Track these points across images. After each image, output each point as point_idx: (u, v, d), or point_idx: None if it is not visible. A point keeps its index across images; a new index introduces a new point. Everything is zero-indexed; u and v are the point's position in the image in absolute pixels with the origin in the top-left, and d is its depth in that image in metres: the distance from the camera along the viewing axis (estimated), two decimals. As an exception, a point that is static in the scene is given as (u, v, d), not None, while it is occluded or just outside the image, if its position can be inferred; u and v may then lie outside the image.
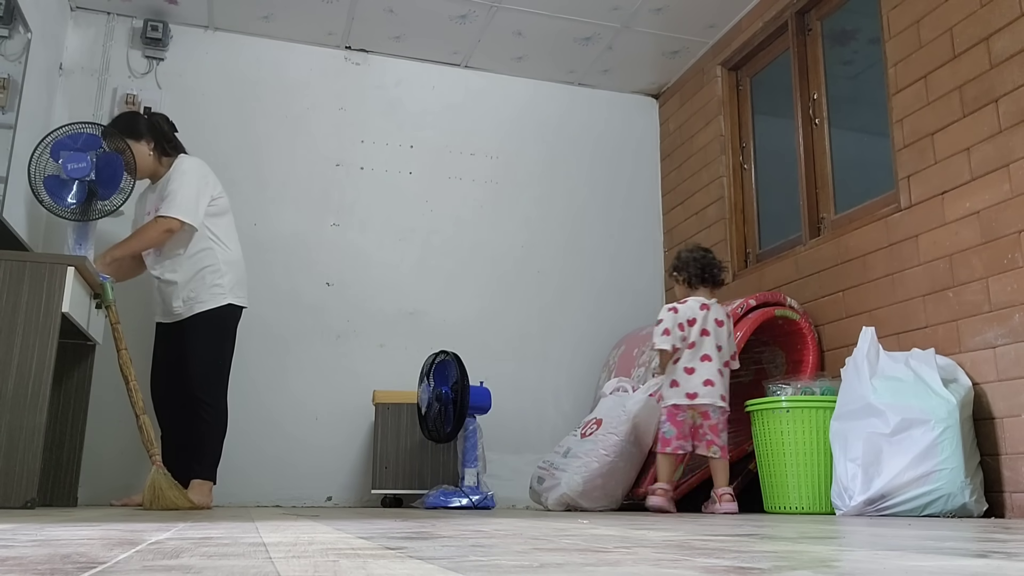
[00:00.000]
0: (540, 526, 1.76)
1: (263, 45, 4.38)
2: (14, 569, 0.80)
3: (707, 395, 3.11)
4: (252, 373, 3.98)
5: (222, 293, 3.26)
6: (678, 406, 3.13)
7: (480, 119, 4.65)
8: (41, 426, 2.51)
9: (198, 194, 3.21)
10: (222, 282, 3.26)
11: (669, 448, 3.13)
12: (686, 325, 3.18)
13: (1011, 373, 2.63)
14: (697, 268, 3.28)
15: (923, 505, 2.56)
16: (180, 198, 3.16)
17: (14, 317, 2.57)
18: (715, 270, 3.30)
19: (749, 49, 4.21)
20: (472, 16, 4.20)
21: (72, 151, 3.05)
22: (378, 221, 4.38)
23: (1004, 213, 2.70)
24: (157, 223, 3.16)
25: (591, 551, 1.06)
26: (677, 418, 3.14)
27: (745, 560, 0.94)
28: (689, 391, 3.12)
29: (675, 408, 3.14)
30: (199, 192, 3.22)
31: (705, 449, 3.13)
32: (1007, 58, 2.72)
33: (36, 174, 3.06)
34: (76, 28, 4.10)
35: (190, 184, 3.20)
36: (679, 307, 3.22)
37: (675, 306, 3.24)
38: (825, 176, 3.68)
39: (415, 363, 3.91)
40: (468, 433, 3.62)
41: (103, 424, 3.60)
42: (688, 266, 3.31)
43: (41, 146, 3.09)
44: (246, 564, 0.87)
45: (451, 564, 0.87)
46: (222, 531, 1.48)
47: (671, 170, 4.79)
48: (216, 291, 3.25)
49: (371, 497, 3.97)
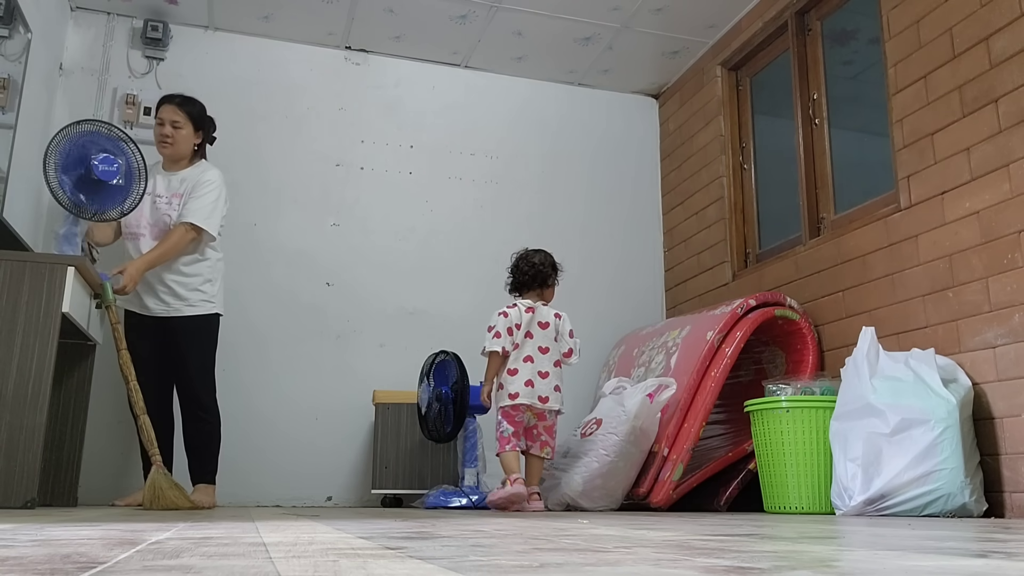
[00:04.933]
0: (540, 526, 1.76)
1: (263, 45, 4.38)
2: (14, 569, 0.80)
3: (528, 396, 3.23)
4: (252, 373, 3.98)
5: (213, 301, 3.34)
6: (515, 407, 3.24)
7: (480, 119, 4.65)
8: (41, 426, 2.51)
9: (221, 206, 3.32)
10: (214, 290, 3.34)
11: (508, 446, 3.23)
12: (514, 329, 3.31)
13: (1011, 373, 2.63)
14: (513, 277, 3.45)
15: (923, 505, 2.56)
16: (208, 209, 3.24)
17: (14, 317, 2.57)
18: (527, 277, 3.40)
19: (749, 49, 4.21)
20: (472, 16, 4.20)
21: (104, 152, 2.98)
22: (378, 221, 4.38)
23: (1004, 213, 2.70)
24: (185, 231, 3.21)
25: (591, 551, 1.06)
26: (515, 419, 3.25)
27: (745, 560, 0.94)
28: (511, 392, 3.25)
29: (512, 409, 3.25)
30: (222, 204, 3.33)
31: (539, 450, 3.28)
32: (1007, 58, 2.72)
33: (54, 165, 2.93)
34: (76, 28, 4.10)
35: (218, 196, 3.30)
36: (509, 311, 3.35)
37: (505, 310, 3.36)
38: (825, 176, 3.68)
39: (415, 363, 3.91)
40: (468, 433, 3.62)
41: (103, 424, 3.60)
42: (510, 274, 3.46)
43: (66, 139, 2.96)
44: (246, 564, 0.87)
45: (451, 564, 0.87)
46: (222, 531, 1.48)
47: (671, 170, 4.79)
48: (209, 298, 3.32)
49: (371, 497, 3.97)
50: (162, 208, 3.29)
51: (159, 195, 3.30)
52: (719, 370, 3.34)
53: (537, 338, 3.31)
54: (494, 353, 3.30)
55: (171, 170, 3.37)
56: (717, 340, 3.39)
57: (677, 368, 3.50)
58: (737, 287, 4.06)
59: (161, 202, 3.30)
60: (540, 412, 3.26)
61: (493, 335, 3.31)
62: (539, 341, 3.31)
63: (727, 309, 3.48)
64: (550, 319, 3.36)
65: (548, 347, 3.32)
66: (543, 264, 3.43)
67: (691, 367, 3.39)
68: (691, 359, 3.43)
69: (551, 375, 3.30)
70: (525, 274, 3.41)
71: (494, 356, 3.31)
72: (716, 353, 3.38)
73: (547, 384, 3.27)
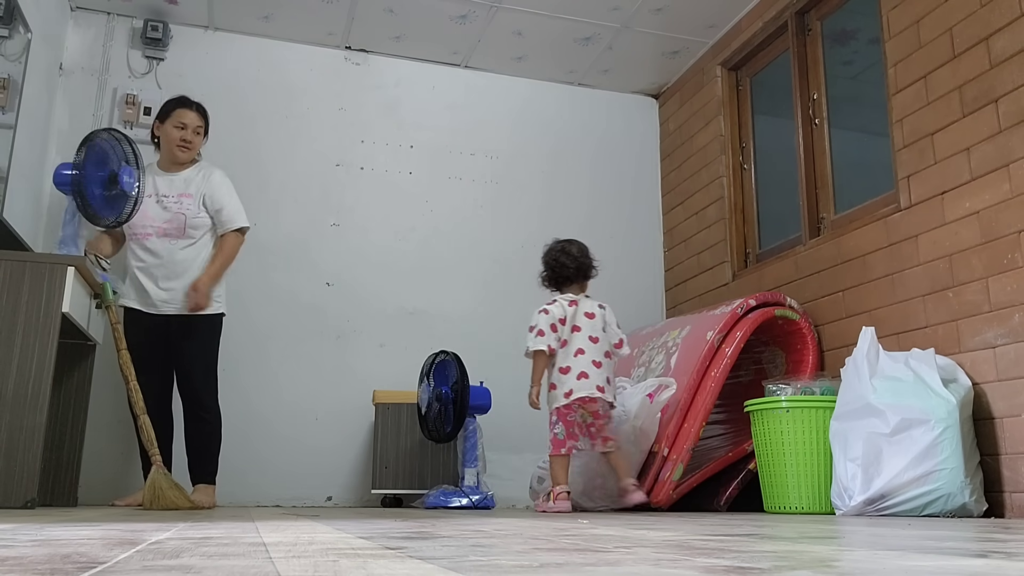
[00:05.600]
0: (540, 526, 1.76)
1: (263, 45, 4.39)
2: (14, 569, 0.80)
3: (584, 388, 3.12)
4: (252, 373, 3.98)
5: (220, 301, 3.36)
6: (565, 407, 3.15)
7: (480, 119, 4.65)
8: (41, 426, 2.51)
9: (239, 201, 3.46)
10: (221, 290, 3.37)
11: (563, 449, 3.14)
12: (559, 325, 3.20)
13: (1011, 373, 2.63)
14: (552, 271, 3.33)
15: (923, 505, 2.56)
16: (240, 209, 3.39)
17: (14, 317, 2.57)
18: (569, 269, 3.29)
19: (749, 49, 4.21)
20: (472, 16, 4.20)
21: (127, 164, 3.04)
22: (378, 221, 4.38)
23: (1004, 213, 2.70)
24: (236, 237, 3.36)
25: (591, 551, 1.06)
26: (568, 418, 3.16)
27: (745, 560, 0.94)
28: (566, 390, 3.14)
29: (566, 409, 3.15)
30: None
31: (602, 445, 3.17)
32: (1007, 58, 2.72)
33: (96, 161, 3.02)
34: (76, 28, 4.10)
35: (235, 195, 3.42)
36: (549, 308, 3.23)
37: (545, 307, 3.24)
38: (825, 176, 3.68)
39: (415, 363, 3.91)
40: (468, 433, 3.62)
41: (103, 424, 3.60)
42: (547, 269, 3.35)
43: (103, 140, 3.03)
44: (246, 564, 0.87)
45: (451, 564, 0.87)
46: (222, 531, 1.48)
47: (671, 170, 4.79)
48: (218, 298, 3.34)
49: (371, 497, 3.97)
50: (171, 207, 3.30)
51: (164, 195, 3.31)
52: (719, 370, 3.33)
53: (585, 329, 3.19)
54: (539, 352, 3.18)
55: (171, 170, 3.37)
56: (717, 340, 3.39)
57: (677, 368, 3.49)
58: (737, 287, 4.06)
59: (168, 201, 3.31)
60: (594, 410, 3.15)
61: (536, 333, 3.18)
62: (588, 331, 3.19)
63: (727, 309, 3.48)
64: (595, 309, 3.25)
65: (597, 337, 3.20)
66: (583, 255, 3.32)
67: (691, 367, 3.39)
68: (691, 359, 3.43)
69: (604, 366, 3.18)
70: (568, 268, 3.29)
71: (539, 355, 3.19)
72: (716, 353, 3.38)
73: (600, 374, 3.15)
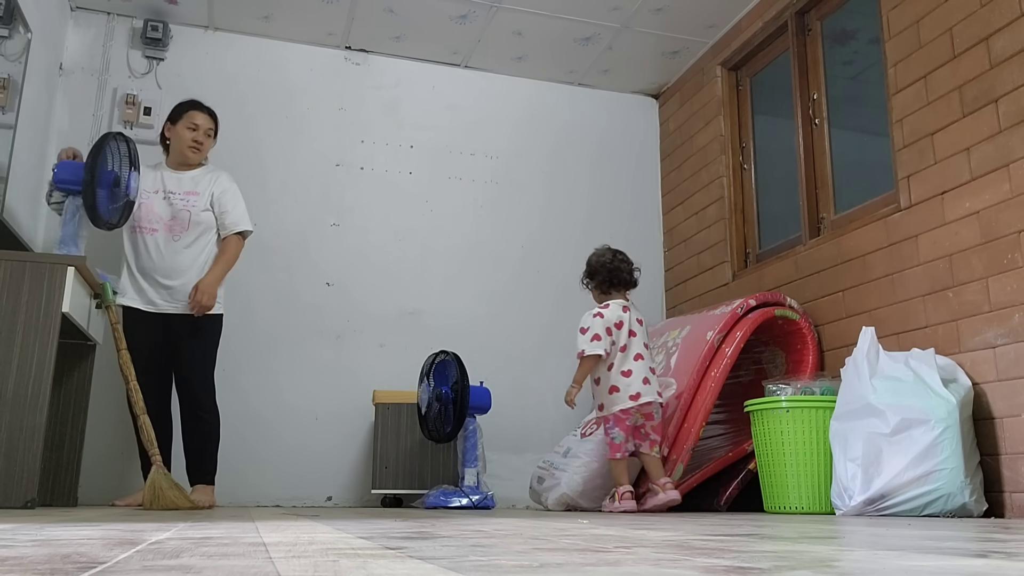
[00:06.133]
0: (540, 526, 1.76)
1: (263, 45, 4.39)
2: (14, 569, 0.80)
3: (648, 393, 3.16)
4: (252, 373, 3.98)
5: (221, 302, 3.37)
6: (626, 410, 3.15)
7: (480, 119, 4.65)
8: (41, 426, 2.51)
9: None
10: (221, 291, 3.37)
11: (619, 453, 3.16)
12: (614, 329, 3.22)
13: (1011, 373, 2.63)
14: (607, 274, 3.33)
15: (923, 505, 2.56)
16: (245, 213, 3.44)
17: (14, 317, 2.57)
18: (625, 274, 3.34)
19: (749, 49, 4.21)
20: (472, 16, 4.20)
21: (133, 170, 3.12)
22: (378, 221, 4.38)
23: (1004, 213, 2.70)
24: (238, 240, 3.40)
25: (591, 551, 1.06)
26: (626, 423, 3.16)
27: (745, 560, 0.94)
28: (632, 393, 3.15)
29: (623, 413, 3.16)
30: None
31: (648, 448, 3.18)
32: (1007, 58, 2.72)
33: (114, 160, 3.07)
34: (76, 28, 4.10)
35: (241, 199, 3.47)
36: (604, 312, 3.24)
37: (599, 311, 3.25)
38: (825, 176, 3.68)
39: (415, 363, 3.91)
40: (468, 433, 3.62)
41: (103, 424, 3.60)
42: (599, 272, 3.35)
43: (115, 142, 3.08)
44: (246, 564, 0.87)
45: (451, 564, 0.87)
46: (222, 531, 1.48)
47: (671, 170, 4.79)
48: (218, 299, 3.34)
49: (371, 497, 3.97)
50: (178, 205, 3.34)
51: (171, 192, 3.36)
52: (719, 370, 3.33)
53: (640, 335, 3.25)
54: (594, 356, 3.20)
55: (179, 169, 3.42)
56: (717, 340, 3.39)
57: (677, 368, 3.49)
58: (737, 287, 4.06)
59: (176, 199, 3.35)
60: (648, 412, 3.18)
61: (591, 337, 3.19)
62: (643, 338, 3.26)
63: (727, 309, 3.48)
64: (642, 316, 3.32)
65: (648, 343, 3.29)
66: (628, 262, 3.39)
67: (691, 367, 3.39)
68: (691, 359, 3.43)
69: (656, 371, 3.27)
70: (625, 272, 3.34)
71: (591, 359, 3.20)
72: (716, 353, 3.38)
73: (655, 380, 3.24)
